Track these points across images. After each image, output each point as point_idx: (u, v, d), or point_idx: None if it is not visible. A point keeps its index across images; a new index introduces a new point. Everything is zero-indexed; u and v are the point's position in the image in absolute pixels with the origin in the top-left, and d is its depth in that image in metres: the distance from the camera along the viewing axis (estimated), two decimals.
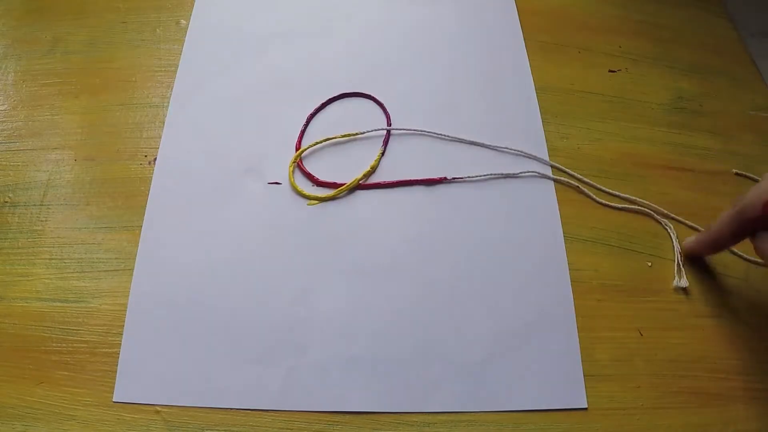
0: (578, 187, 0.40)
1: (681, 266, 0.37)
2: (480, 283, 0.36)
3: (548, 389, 0.33)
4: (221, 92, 0.42)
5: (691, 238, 0.37)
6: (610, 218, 0.39)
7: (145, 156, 0.40)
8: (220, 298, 0.35)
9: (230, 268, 0.35)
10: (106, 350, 0.33)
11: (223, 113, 0.42)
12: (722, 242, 0.34)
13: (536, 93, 0.43)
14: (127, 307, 0.34)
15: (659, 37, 0.48)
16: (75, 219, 0.37)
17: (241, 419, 0.31)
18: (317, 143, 0.40)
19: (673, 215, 0.39)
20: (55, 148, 0.40)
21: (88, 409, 0.31)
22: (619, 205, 0.39)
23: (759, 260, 0.37)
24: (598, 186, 0.40)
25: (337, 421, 0.31)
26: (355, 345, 0.34)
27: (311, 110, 0.42)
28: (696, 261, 0.37)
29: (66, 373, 0.32)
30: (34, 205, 0.38)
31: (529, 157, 0.40)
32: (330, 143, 0.41)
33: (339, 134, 0.41)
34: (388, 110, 0.42)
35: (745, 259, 0.37)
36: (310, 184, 0.39)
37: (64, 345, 0.33)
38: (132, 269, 0.35)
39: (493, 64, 0.45)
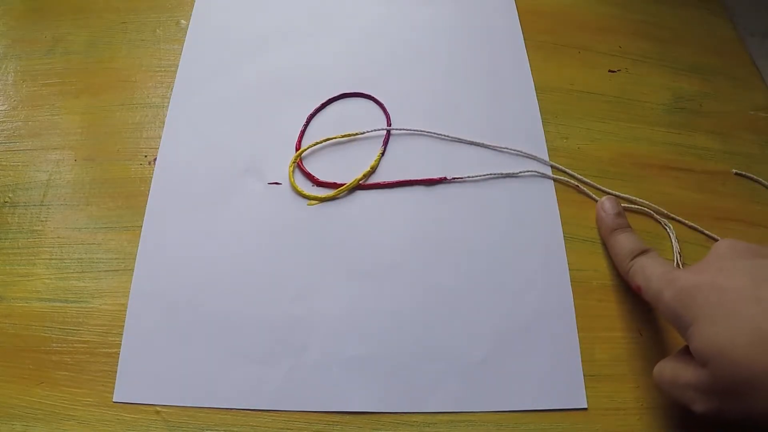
0: (578, 186, 0.40)
1: (681, 266, 0.37)
2: (480, 283, 0.36)
3: (548, 389, 0.33)
4: (221, 92, 0.42)
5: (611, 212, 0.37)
6: None
7: (145, 156, 0.40)
8: (220, 298, 0.35)
9: (230, 268, 0.35)
10: (106, 350, 0.33)
11: (223, 113, 0.42)
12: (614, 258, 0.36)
13: (536, 93, 0.43)
14: (127, 307, 0.34)
15: (659, 37, 0.48)
16: (75, 219, 0.37)
17: (241, 419, 0.31)
18: (317, 143, 0.40)
19: (672, 215, 0.39)
20: (55, 148, 0.40)
21: (88, 409, 0.31)
22: None
23: None
24: (598, 186, 0.40)
25: (337, 421, 0.31)
26: (355, 345, 0.34)
27: (311, 110, 0.42)
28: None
29: (66, 373, 0.32)
30: (34, 205, 0.38)
31: (529, 157, 0.40)
32: (330, 143, 0.41)
33: (339, 134, 0.41)
34: (388, 110, 0.42)
35: None
36: (310, 184, 0.39)
37: (64, 345, 0.33)
38: (132, 269, 0.35)
39: (493, 64, 0.45)
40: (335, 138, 0.40)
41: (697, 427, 0.32)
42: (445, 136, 0.41)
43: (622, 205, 0.38)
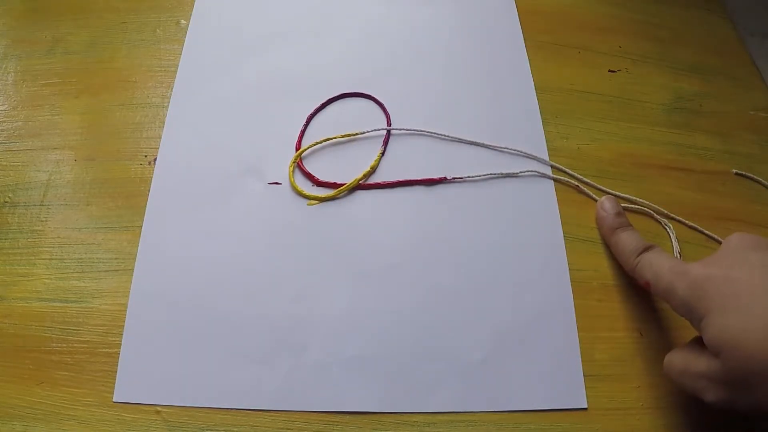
0: (578, 186, 0.40)
1: None
2: (480, 283, 0.36)
3: (548, 389, 0.33)
4: (221, 92, 0.42)
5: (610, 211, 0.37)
6: None
7: (145, 156, 0.40)
8: (220, 298, 0.35)
9: (230, 268, 0.35)
10: (106, 350, 0.33)
11: (223, 113, 0.42)
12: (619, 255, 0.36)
13: (536, 93, 0.43)
14: (127, 307, 0.34)
15: (659, 37, 0.48)
16: (75, 219, 0.37)
17: (241, 419, 0.31)
18: (317, 143, 0.40)
19: (672, 215, 0.39)
20: (55, 148, 0.40)
21: (88, 409, 0.31)
22: None
23: None
24: (598, 186, 0.40)
25: (337, 421, 0.31)
26: (355, 345, 0.34)
27: (311, 110, 0.42)
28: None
29: (66, 373, 0.32)
30: (34, 205, 0.38)
31: (529, 157, 0.40)
32: (330, 143, 0.41)
33: (339, 134, 0.41)
34: (388, 110, 0.42)
35: None
36: (310, 184, 0.39)
37: (64, 345, 0.33)
38: (132, 269, 0.35)
39: (493, 64, 0.45)
40: (335, 138, 0.40)
41: (697, 427, 0.32)
42: (445, 136, 0.41)
43: (622, 205, 0.38)
